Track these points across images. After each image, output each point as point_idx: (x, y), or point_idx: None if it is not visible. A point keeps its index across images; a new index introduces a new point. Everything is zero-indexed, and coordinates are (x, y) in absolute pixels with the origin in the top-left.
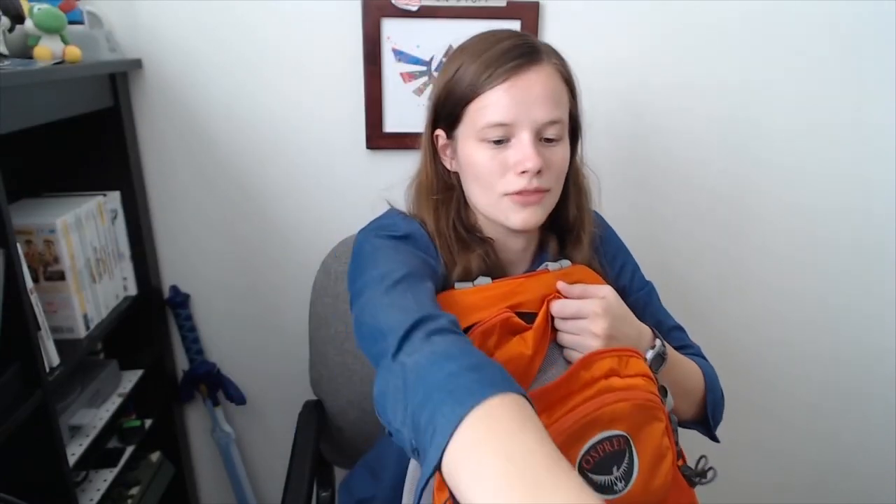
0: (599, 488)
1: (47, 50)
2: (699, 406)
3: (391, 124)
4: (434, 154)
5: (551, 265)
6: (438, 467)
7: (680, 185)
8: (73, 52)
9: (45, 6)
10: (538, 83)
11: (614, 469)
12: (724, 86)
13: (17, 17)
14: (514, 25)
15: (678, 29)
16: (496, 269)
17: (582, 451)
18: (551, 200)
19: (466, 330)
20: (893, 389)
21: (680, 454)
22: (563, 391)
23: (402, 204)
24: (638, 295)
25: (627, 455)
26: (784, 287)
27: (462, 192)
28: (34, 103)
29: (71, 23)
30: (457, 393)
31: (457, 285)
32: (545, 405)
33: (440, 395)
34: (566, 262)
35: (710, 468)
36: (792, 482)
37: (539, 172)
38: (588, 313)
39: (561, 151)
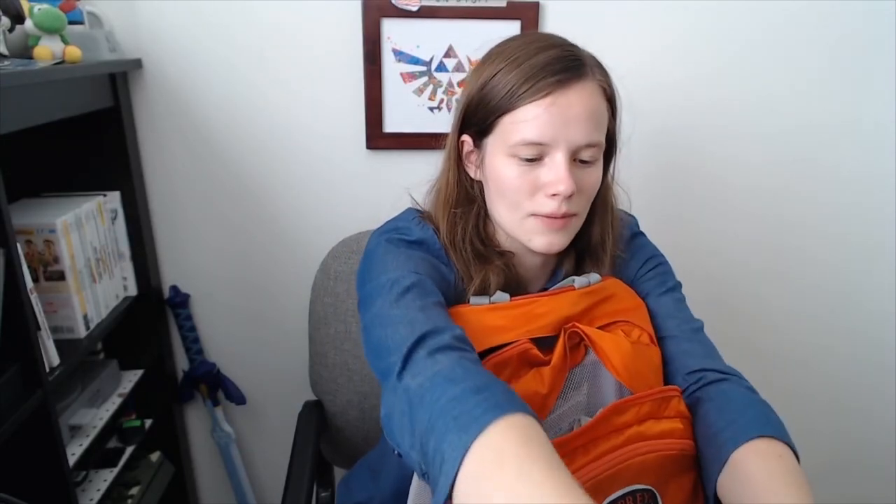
0: None
1: (47, 50)
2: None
3: (391, 124)
4: (458, 160)
5: (578, 280)
6: (449, 496)
7: (680, 185)
8: (73, 52)
9: (45, 6)
10: (580, 102)
11: None
12: (727, 85)
13: (17, 17)
14: (514, 26)
15: (679, 29)
16: (513, 284)
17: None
18: (577, 224)
19: (483, 354)
20: (894, 387)
21: (715, 498)
22: (588, 437)
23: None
24: (667, 296)
25: None
26: (781, 283)
27: (483, 202)
28: (34, 103)
29: (71, 23)
30: (461, 419)
31: (472, 300)
32: (567, 451)
33: (445, 421)
34: (595, 277)
35: None
36: None
37: (570, 196)
38: None
39: (595, 174)
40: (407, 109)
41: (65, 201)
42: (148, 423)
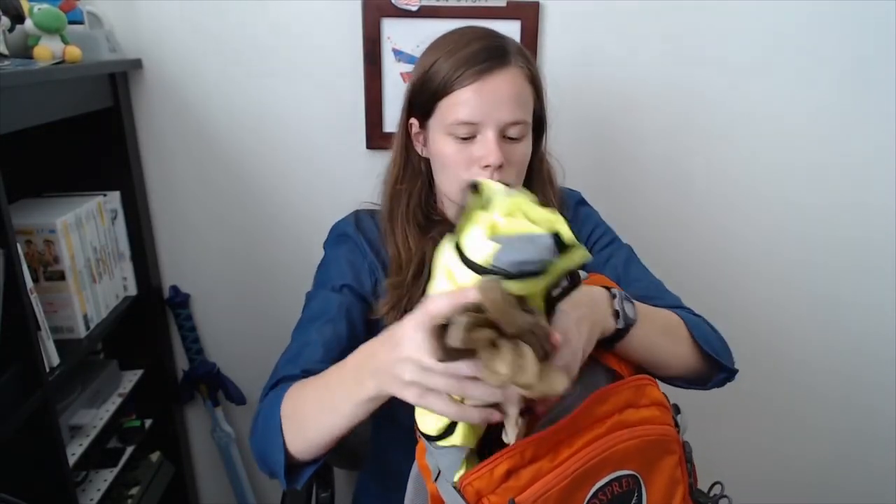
0: None
1: (47, 50)
2: (691, 348)
3: (391, 124)
4: (407, 140)
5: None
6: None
7: (679, 184)
8: (73, 52)
9: (45, 6)
10: (504, 86)
11: None
12: (724, 85)
13: (17, 17)
14: (514, 25)
15: (678, 29)
16: None
17: (588, 495)
18: None
19: None
20: (894, 386)
21: (692, 474)
22: (571, 429)
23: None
24: (606, 249)
25: (636, 494)
26: (781, 283)
27: (429, 178)
28: (34, 103)
29: (71, 23)
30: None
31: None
32: (551, 445)
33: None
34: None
35: (725, 496)
36: (791, 479)
37: (500, 167)
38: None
39: (522, 148)
40: None
41: (65, 201)
42: (148, 423)
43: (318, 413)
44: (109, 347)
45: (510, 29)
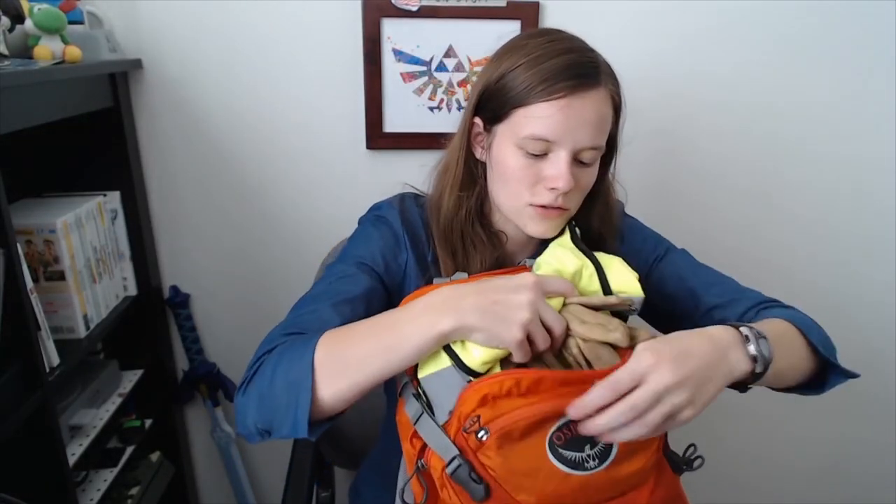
0: (569, 463)
1: (47, 50)
2: (808, 353)
3: (391, 124)
4: (469, 140)
5: (528, 260)
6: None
7: (677, 185)
8: (73, 52)
9: (45, 6)
10: (591, 108)
11: (586, 447)
12: (725, 85)
13: (17, 17)
14: (514, 26)
15: (678, 29)
16: (500, 259)
17: (554, 428)
18: (569, 217)
19: None
20: (894, 385)
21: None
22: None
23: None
24: (666, 259)
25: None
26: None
27: (485, 183)
28: (34, 103)
29: (71, 23)
30: (291, 353)
31: (434, 280)
32: (548, 387)
33: (282, 364)
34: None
35: (699, 457)
36: (792, 477)
37: (567, 192)
38: (659, 390)
39: (591, 174)
40: (407, 109)
41: (65, 201)
42: (148, 423)
43: (375, 350)
44: (109, 347)
45: (510, 29)
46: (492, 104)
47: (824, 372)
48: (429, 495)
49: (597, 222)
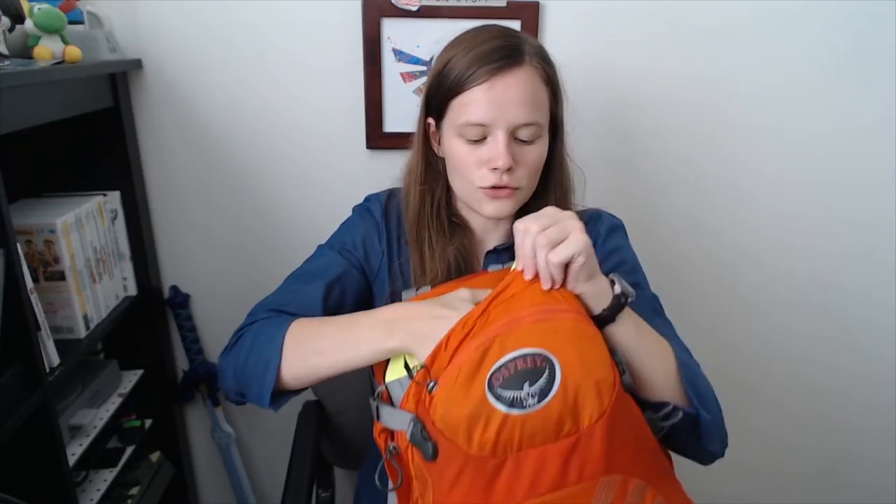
0: (508, 402)
1: (47, 50)
2: (676, 378)
3: (391, 124)
4: (426, 140)
5: (491, 267)
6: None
7: (678, 185)
8: (73, 52)
9: (45, 6)
10: (515, 86)
11: (525, 385)
12: (724, 85)
13: (18, 17)
14: (514, 25)
15: (678, 28)
16: (469, 247)
17: (493, 369)
18: (523, 196)
19: None
20: (894, 385)
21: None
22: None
23: None
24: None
25: (547, 372)
26: (779, 280)
27: (447, 177)
28: (34, 103)
29: (71, 23)
30: (266, 334)
31: (403, 294)
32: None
33: (256, 342)
34: (511, 264)
35: (680, 409)
36: (789, 483)
37: (510, 170)
38: (558, 216)
39: (535, 151)
40: (407, 109)
41: (65, 201)
42: (148, 423)
43: (333, 347)
44: (109, 347)
45: None
46: (435, 101)
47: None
48: (403, 478)
49: (552, 203)
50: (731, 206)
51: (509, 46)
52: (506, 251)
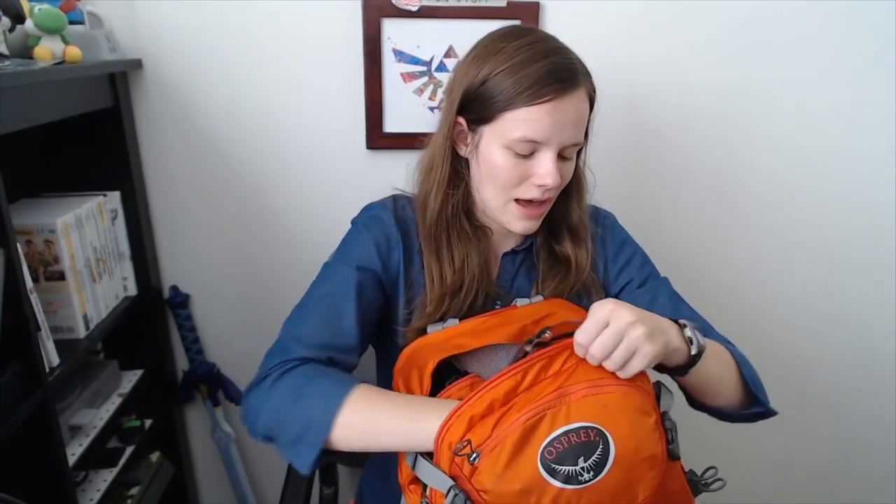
0: (563, 478)
1: (47, 50)
2: (738, 381)
3: (391, 124)
4: (451, 140)
5: (520, 301)
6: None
7: (678, 185)
8: (74, 52)
9: (45, 6)
10: (574, 109)
11: (580, 460)
12: (724, 85)
13: (18, 17)
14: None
15: (678, 29)
16: (486, 252)
17: (545, 443)
18: (548, 207)
19: (441, 379)
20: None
21: (673, 440)
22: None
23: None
24: (646, 286)
25: (601, 447)
26: (785, 281)
27: (469, 179)
28: (34, 103)
29: (71, 23)
30: (322, 392)
31: (429, 328)
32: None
33: (304, 397)
34: (538, 298)
35: (718, 479)
36: (792, 478)
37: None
38: (622, 327)
39: (571, 167)
40: (407, 109)
41: (65, 201)
42: (148, 423)
43: (389, 430)
44: (109, 347)
45: None
46: (475, 106)
47: (748, 401)
48: None
49: (576, 209)
50: (734, 208)
51: (569, 66)
52: (521, 252)
